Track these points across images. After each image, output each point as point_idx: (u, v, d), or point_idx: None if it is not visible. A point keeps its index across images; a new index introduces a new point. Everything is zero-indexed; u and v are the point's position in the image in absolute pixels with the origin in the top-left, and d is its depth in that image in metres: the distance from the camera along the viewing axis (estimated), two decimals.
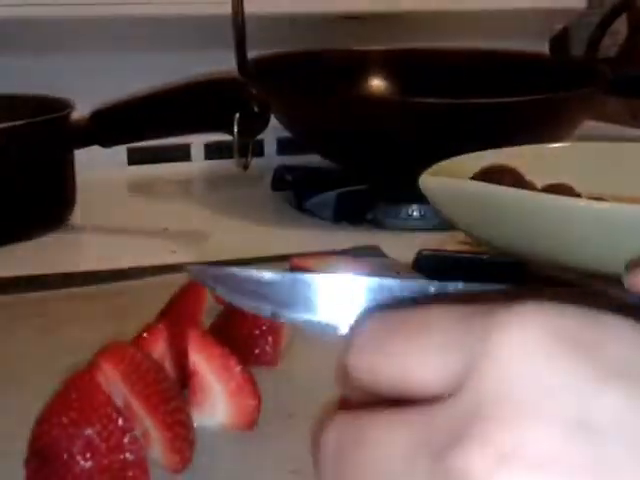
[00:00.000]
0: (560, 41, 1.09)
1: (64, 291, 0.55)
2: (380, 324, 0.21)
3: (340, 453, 0.20)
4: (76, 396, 0.28)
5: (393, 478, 0.19)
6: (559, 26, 1.06)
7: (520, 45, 0.94)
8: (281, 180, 0.82)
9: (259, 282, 0.23)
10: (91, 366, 0.29)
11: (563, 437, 0.17)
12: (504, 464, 0.17)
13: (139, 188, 0.88)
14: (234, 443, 0.33)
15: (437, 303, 0.21)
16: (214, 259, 0.61)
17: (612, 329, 0.19)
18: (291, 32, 0.89)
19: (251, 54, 0.77)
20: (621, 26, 0.96)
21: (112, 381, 0.28)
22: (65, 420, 0.28)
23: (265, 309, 0.23)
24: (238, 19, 0.72)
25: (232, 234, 0.72)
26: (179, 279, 0.54)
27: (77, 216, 0.73)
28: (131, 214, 0.77)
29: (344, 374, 0.21)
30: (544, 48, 1.05)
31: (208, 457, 0.32)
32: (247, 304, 0.23)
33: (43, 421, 0.29)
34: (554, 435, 0.17)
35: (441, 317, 0.20)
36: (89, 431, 0.28)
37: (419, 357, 0.20)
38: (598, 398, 0.18)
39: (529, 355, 0.18)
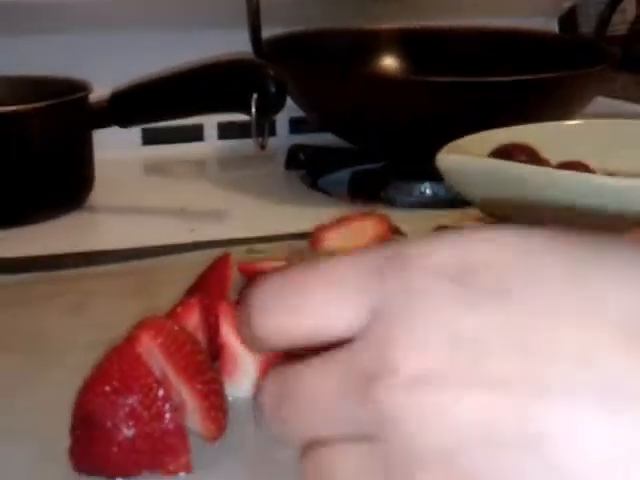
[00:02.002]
0: (569, 19, 1.09)
1: (88, 269, 0.56)
2: (280, 281, 0.23)
3: (279, 402, 0.22)
4: (118, 367, 0.30)
5: (329, 415, 0.21)
6: (568, 4, 1.07)
7: (530, 23, 0.95)
8: (295, 159, 0.83)
9: None
10: (131, 338, 0.31)
11: (450, 354, 0.20)
12: (413, 389, 0.20)
13: (154, 168, 0.88)
14: None
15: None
16: (232, 237, 0.63)
17: (491, 254, 0.21)
18: (304, 11, 0.89)
19: (264, 33, 0.77)
20: (629, 4, 0.96)
21: (151, 353, 0.30)
22: (108, 389, 0.29)
23: None
24: (253, 1, 0.73)
25: (248, 213, 0.73)
26: (201, 256, 0.56)
27: (95, 196, 0.74)
28: (148, 194, 0.78)
29: (250, 337, 0.23)
30: (554, 26, 1.06)
31: (240, 425, 0.33)
32: None
33: (87, 390, 0.30)
34: (442, 352, 0.20)
35: (343, 268, 0.22)
36: (131, 400, 0.29)
37: (328, 308, 0.22)
38: (477, 315, 0.20)
39: (420, 290, 0.21)
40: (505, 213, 0.52)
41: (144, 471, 0.30)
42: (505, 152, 0.54)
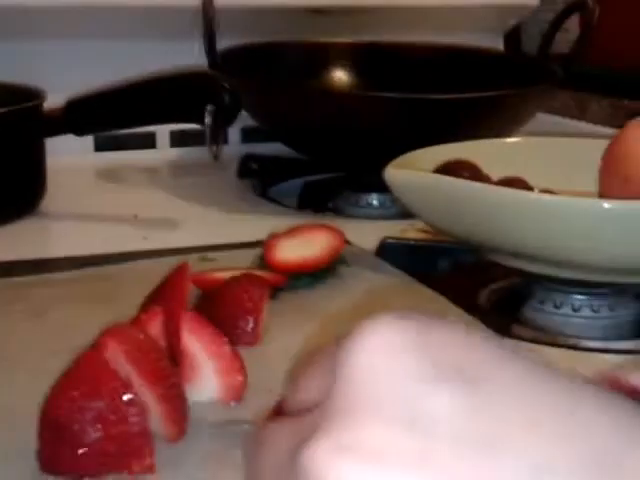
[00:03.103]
0: (514, 37, 1.13)
1: (43, 276, 0.56)
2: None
3: (253, 452, 0.24)
4: (85, 372, 0.31)
5: (281, 472, 0.22)
6: (513, 22, 1.10)
7: (475, 39, 0.98)
8: (246, 168, 0.85)
9: None
10: (98, 345, 0.32)
11: (394, 432, 0.20)
12: (342, 454, 0.20)
13: (106, 175, 0.89)
14: (222, 414, 0.36)
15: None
16: (184, 245, 0.64)
17: (448, 333, 0.22)
18: (258, 24, 0.91)
19: (219, 45, 0.79)
20: (573, 24, 1.00)
21: (117, 359, 0.31)
22: (76, 394, 0.30)
23: None
24: (209, 13, 0.75)
25: (200, 221, 0.75)
26: (154, 264, 0.57)
27: (48, 203, 0.74)
28: (100, 201, 0.79)
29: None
30: (499, 43, 1.09)
31: (199, 428, 0.35)
32: None
33: (55, 395, 0.31)
34: (387, 430, 0.20)
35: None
36: (99, 404, 0.30)
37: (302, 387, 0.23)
38: (430, 397, 0.20)
39: (372, 364, 0.21)
40: (447, 226, 0.54)
41: (110, 472, 0.31)
42: (449, 168, 0.56)
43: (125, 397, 0.30)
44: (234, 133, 0.96)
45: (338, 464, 0.20)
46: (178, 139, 0.94)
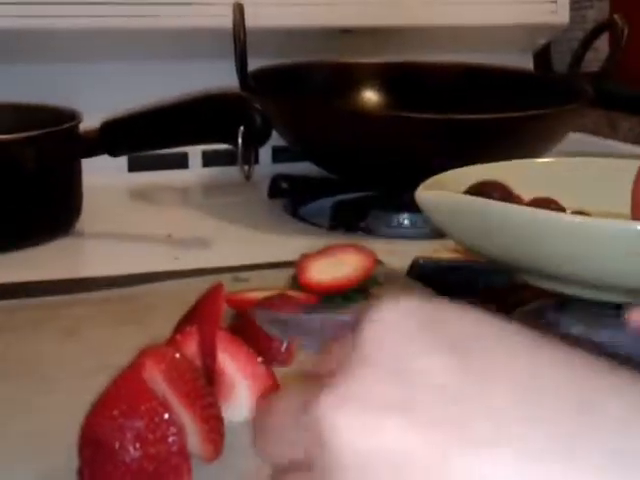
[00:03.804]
0: (544, 56, 1.13)
1: (77, 296, 0.57)
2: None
3: (257, 432, 0.26)
4: (125, 391, 0.31)
5: (286, 441, 0.25)
6: (542, 41, 1.10)
7: (505, 59, 0.98)
8: (277, 188, 0.85)
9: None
10: (136, 365, 0.33)
11: (387, 385, 0.23)
12: (344, 405, 0.23)
13: (140, 195, 0.90)
14: None
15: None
16: (215, 265, 0.65)
17: (455, 316, 0.25)
18: (289, 45, 0.92)
19: (251, 66, 0.80)
20: (602, 43, 1.00)
21: (154, 379, 0.32)
22: (116, 413, 0.31)
23: None
24: (240, 36, 0.76)
25: (231, 241, 0.75)
26: (186, 284, 0.58)
27: (82, 222, 0.75)
28: (133, 221, 0.80)
29: None
30: (528, 62, 1.09)
31: (235, 447, 0.35)
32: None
33: (95, 414, 0.32)
34: (382, 384, 0.23)
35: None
36: (138, 423, 0.31)
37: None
38: (423, 357, 0.23)
39: (381, 335, 0.24)
40: (478, 247, 0.54)
41: None
42: (479, 189, 0.56)
43: (164, 416, 0.31)
44: (265, 153, 0.96)
45: (341, 413, 0.23)
46: (210, 159, 0.94)
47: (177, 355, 0.33)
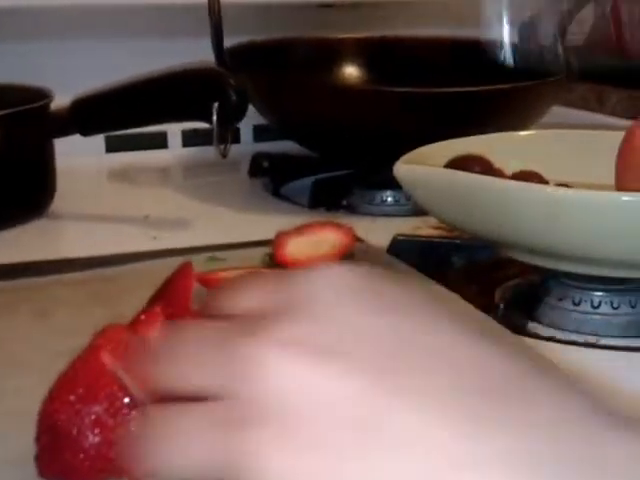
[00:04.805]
0: (528, 29, 1.11)
1: (50, 278, 0.56)
2: (153, 340, 0.28)
3: (152, 444, 0.25)
4: (82, 375, 0.30)
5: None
6: (527, 14, 1.09)
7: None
8: (258, 167, 0.84)
9: None
10: (93, 347, 0.31)
11: (321, 330, 0.24)
12: (282, 347, 0.24)
13: (118, 176, 0.89)
14: None
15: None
16: (194, 245, 0.63)
17: (389, 280, 0.26)
18: (266, 20, 0.90)
19: (227, 42, 0.78)
20: (587, 14, 0.98)
21: (112, 361, 0.30)
22: (73, 398, 0.30)
23: None
24: (215, 10, 0.74)
25: (210, 220, 0.74)
26: (163, 264, 0.56)
27: (57, 204, 0.74)
28: (111, 201, 0.79)
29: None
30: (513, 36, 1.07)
31: None
32: None
33: (52, 399, 0.31)
34: (317, 329, 0.24)
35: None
36: (97, 408, 0.29)
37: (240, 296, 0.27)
38: (360, 315, 0.25)
39: (320, 288, 0.26)
40: (459, 222, 0.53)
41: (110, 478, 0.30)
42: (460, 163, 0.55)
43: (124, 400, 0.30)
44: (246, 132, 0.95)
45: (273, 352, 0.23)
46: (190, 139, 0.93)
47: (136, 336, 0.31)
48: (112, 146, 0.90)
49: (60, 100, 0.71)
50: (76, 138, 0.72)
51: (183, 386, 0.25)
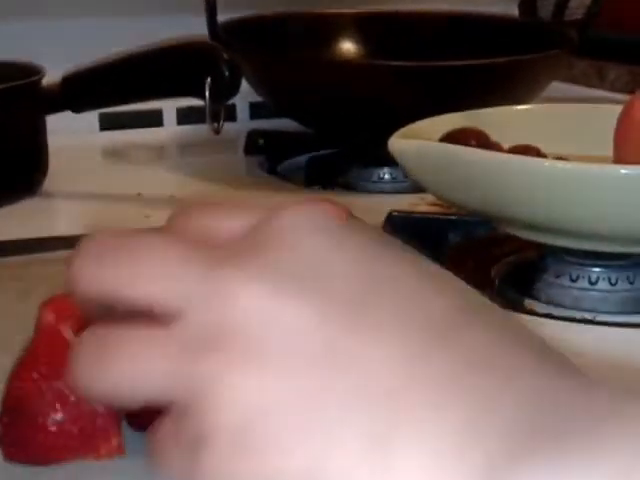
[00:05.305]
0: (528, 4, 1.10)
1: (38, 256, 0.56)
2: (106, 242, 0.28)
3: (95, 367, 0.24)
4: (44, 352, 0.29)
5: (151, 387, 0.23)
6: None
7: (489, 8, 0.95)
8: (253, 144, 0.83)
9: None
10: (52, 322, 0.30)
11: (289, 262, 0.24)
12: (255, 275, 0.23)
13: (112, 154, 0.88)
14: None
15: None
16: None
17: (361, 228, 0.27)
18: None
19: (220, 18, 0.77)
20: None
21: (69, 333, 0.29)
22: (35, 375, 0.29)
23: None
24: None
25: (204, 199, 0.73)
26: None
27: (50, 182, 0.73)
28: (104, 180, 0.78)
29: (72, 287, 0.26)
30: (514, 11, 1.06)
31: None
32: None
33: (14, 378, 0.30)
34: (285, 261, 0.24)
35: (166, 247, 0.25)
36: (58, 384, 0.29)
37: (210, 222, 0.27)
38: (332, 262, 0.25)
39: (294, 225, 0.26)
40: (455, 198, 0.52)
41: (76, 456, 0.29)
42: (456, 136, 0.54)
43: None
44: (242, 109, 0.94)
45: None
46: (185, 116, 0.92)
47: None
48: (106, 124, 0.89)
49: (52, 77, 0.70)
50: (70, 117, 0.71)
51: (143, 293, 0.24)
